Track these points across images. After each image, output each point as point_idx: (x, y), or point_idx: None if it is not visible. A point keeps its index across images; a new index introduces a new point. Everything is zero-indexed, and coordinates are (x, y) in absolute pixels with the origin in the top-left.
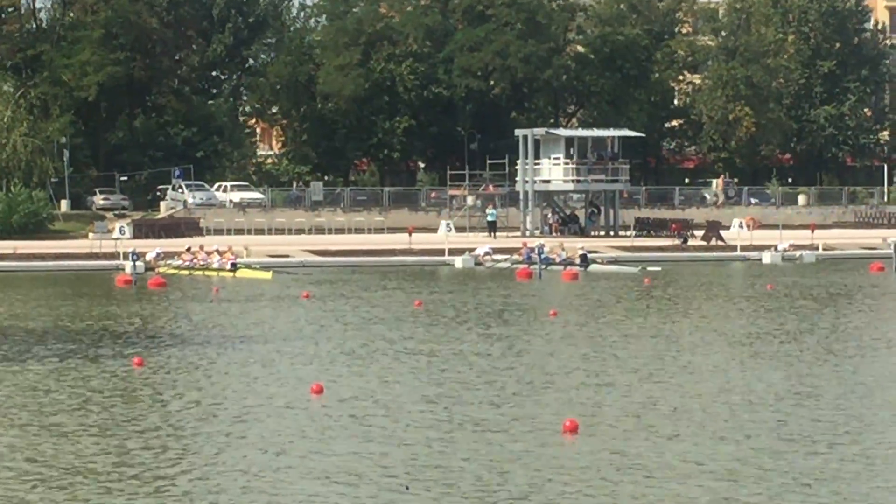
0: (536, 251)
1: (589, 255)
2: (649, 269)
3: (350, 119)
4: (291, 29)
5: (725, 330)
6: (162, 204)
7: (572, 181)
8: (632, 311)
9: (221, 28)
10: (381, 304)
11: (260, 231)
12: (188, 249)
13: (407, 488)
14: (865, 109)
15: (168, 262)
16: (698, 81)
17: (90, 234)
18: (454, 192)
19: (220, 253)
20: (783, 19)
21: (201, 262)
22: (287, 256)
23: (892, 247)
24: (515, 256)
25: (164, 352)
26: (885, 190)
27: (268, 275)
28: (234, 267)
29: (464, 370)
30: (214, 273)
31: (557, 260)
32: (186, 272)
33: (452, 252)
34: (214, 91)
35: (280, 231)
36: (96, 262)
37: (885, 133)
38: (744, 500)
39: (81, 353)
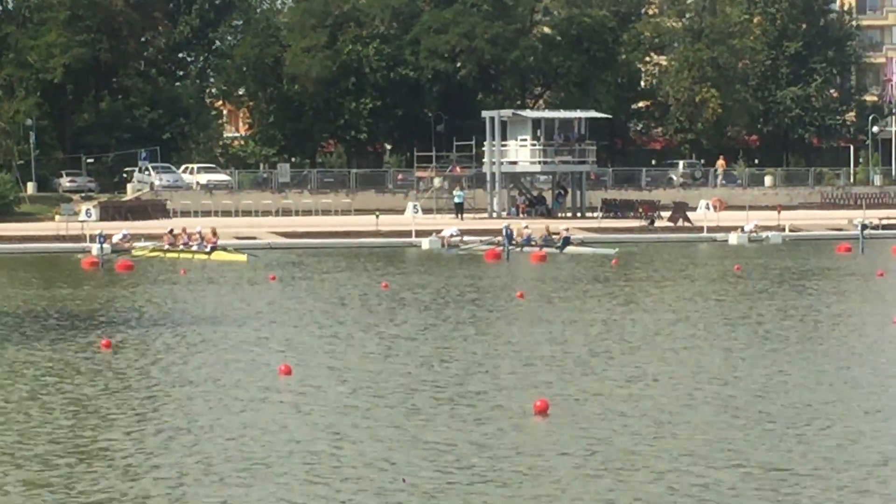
0: (505, 232)
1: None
2: (603, 251)
3: (317, 101)
4: (258, 10)
5: (692, 312)
6: (128, 186)
7: (539, 162)
8: (600, 293)
9: (188, 10)
10: (348, 286)
11: (227, 213)
12: (170, 232)
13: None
14: (832, 90)
15: (145, 243)
16: (665, 63)
17: (57, 217)
18: (421, 174)
19: (203, 236)
20: (749, 0)
21: (182, 245)
22: (254, 238)
23: (859, 228)
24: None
25: (132, 333)
26: (852, 171)
27: (243, 257)
28: (212, 249)
29: (430, 351)
30: (190, 255)
31: (537, 242)
32: (161, 254)
33: (419, 234)
34: (181, 73)
35: (247, 213)
36: (63, 245)
37: (852, 114)
38: (712, 482)
39: (48, 335)
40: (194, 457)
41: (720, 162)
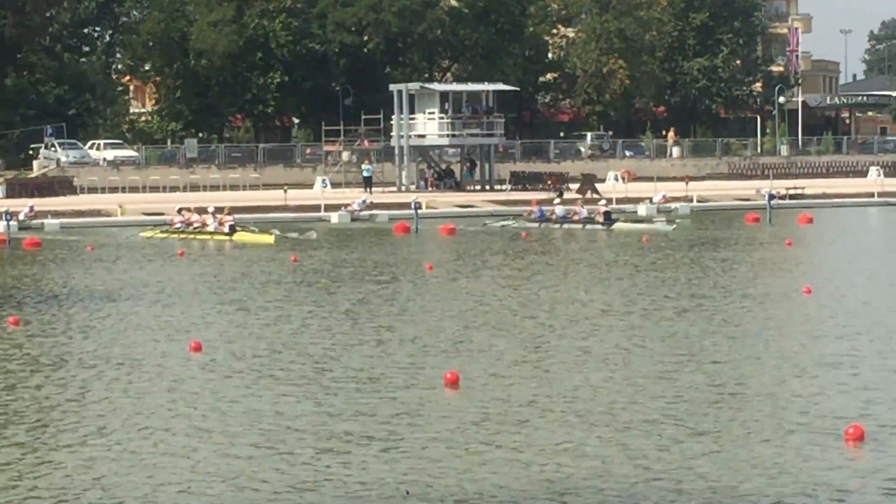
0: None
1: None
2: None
3: (224, 75)
4: None
5: (600, 284)
6: (35, 163)
7: (447, 136)
8: (510, 266)
9: None
10: (257, 260)
11: (134, 189)
12: (179, 211)
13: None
14: (738, 61)
15: (160, 228)
16: (572, 35)
17: None
18: (329, 148)
19: (214, 215)
20: None
21: (195, 226)
22: (162, 214)
23: (766, 198)
24: (526, 215)
25: (39, 311)
26: (758, 141)
27: (270, 238)
28: (232, 230)
29: (340, 325)
30: (209, 237)
31: (577, 218)
32: (179, 236)
33: (328, 208)
34: (87, 48)
35: (154, 189)
36: None
37: (758, 85)
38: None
39: None
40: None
41: (671, 134)
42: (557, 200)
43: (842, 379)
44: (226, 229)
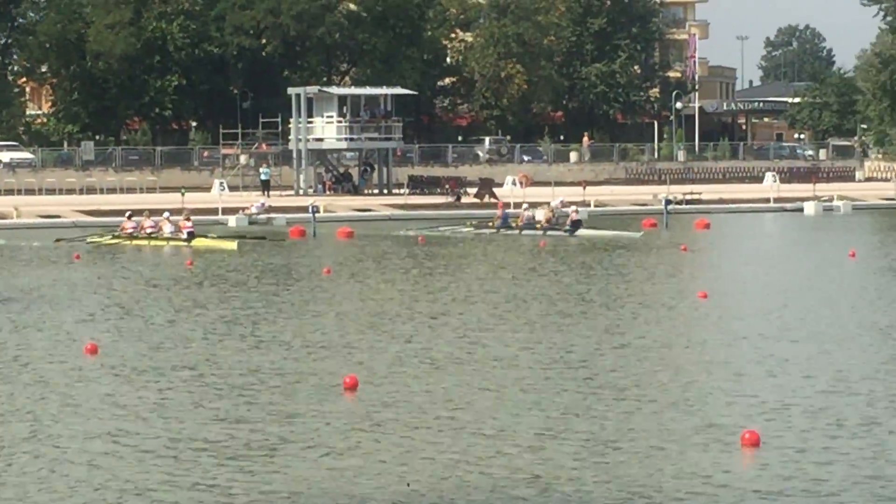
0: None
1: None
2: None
3: (121, 78)
4: None
5: (496, 289)
6: None
7: (345, 139)
8: (407, 270)
9: None
10: (153, 264)
11: (30, 191)
12: (129, 216)
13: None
14: (635, 67)
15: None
16: (470, 39)
17: None
18: (227, 152)
19: (171, 220)
20: None
21: (149, 231)
22: (58, 217)
23: (663, 203)
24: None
25: None
26: (656, 147)
27: (232, 245)
28: (191, 236)
29: (237, 329)
30: (164, 243)
31: (539, 226)
32: (131, 242)
33: (226, 211)
34: None
35: (51, 191)
36: None
37: (655, 90)
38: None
39: None
40: None
41: (585, 139)
42: (526, 206)
43: (738, 383)
44: (184, 235)
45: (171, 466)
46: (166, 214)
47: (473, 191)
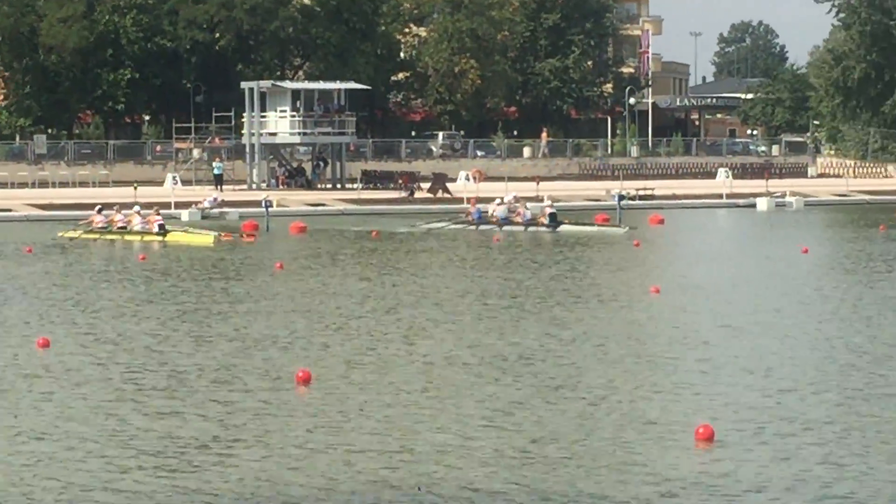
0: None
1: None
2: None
3: (74, 71)
4: None
5: (448, 285)
6: None
7: (299, 134)
8: (359, 265)
9: None
10: (105, 258)
11: None
12: (99, 210)
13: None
14: (589, 62)
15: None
16: (424, 34)
17: None
18: (180, 146)
19: (141, 214)
20: None
21: (120, 225)
22: (10, 211)
23: (616, 198)
24: (465, 214)
25: None
26: (609, 142)
27: (209, 239)
28: (162, 229)
29: (191, 324)
30: (138, 237)
31: (520, 220)
32: (104, 236)
33: (179, 205)
34: None
35: (2, 185)
36: None
37: (609, 86)
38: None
39: None
40: None
41: (544, 134)
42: (498, 201)
43: (692, 378)
44: (155, 228)
45: (109, 463)
46: (136, 208)
47: (427, 186)
